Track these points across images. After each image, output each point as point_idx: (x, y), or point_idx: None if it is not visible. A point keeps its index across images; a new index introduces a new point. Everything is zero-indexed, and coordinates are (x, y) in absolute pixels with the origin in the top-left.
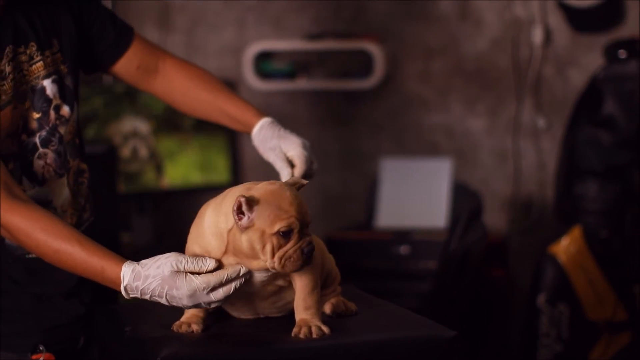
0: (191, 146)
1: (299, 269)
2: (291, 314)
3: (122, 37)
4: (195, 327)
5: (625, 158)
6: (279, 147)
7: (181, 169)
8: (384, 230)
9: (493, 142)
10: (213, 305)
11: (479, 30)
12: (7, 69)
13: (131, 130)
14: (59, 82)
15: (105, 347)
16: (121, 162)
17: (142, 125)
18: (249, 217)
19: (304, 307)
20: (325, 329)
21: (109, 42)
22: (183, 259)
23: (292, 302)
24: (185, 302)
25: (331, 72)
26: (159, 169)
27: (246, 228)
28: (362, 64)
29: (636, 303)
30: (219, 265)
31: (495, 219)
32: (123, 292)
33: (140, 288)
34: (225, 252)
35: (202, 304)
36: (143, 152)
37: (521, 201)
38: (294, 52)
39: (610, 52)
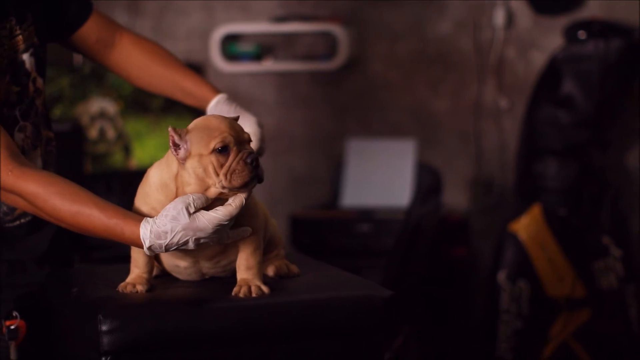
0: (160, 127)
1: (248, 182)
2: (234, 275)
3: (82, 8)
4: (139, 288)
5: (583, 137)
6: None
7: (149, 150)
8: (348, 210)
9: (456, 123)
10: (236, 233)
11: (442, 13)
12: None
13: (98, 111)
14: (35, 55)
15: (53, 308)
16: (88, 143)
17: (109, 106)
18: (184, 148)
19: (245, 267)
20: (265, 288)
21: (70, 13)
22: (191, 201)
23: (235, 261)
24: (212, 237)
25: (297, 54)
26: (127, 150)
27: (185, 159)
28: (327, 46)
29: (595, 280)
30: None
31: (457, 198)
32: (147, 252)
33: (165, 244)
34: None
35: (224, 233)
36: (111, 133)
37: (483, 181)
38: (260, 35)
39: (569, 33)
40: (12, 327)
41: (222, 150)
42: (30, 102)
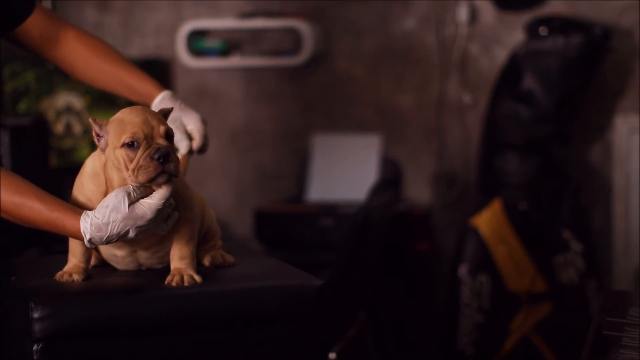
0: None
1: (154, 178)
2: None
3: (25, 3)
4: (76, 277)
5: (544, 132)
6: (180, 120)
7: None
8: (313, 204)
9: (420, 119)
10: (169, 220)
11: (407, 9)
12: None
13: (65, 105)
14: None
15: None
16: (54, 138)
17: (76, 101)
18: (105, 139)
19: (179, 257)
20: (197, 277)
21: (13, 7)
22: (130, 191)
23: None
24: (152, 225)
25: (263, 50)
26: (93, 145)
27: (104, 150)
28: (293, 42)
29: (555, 274)
30: None
31: (421, 193)
32: (88, 244)
33: (105, 237)
34: (107, 190)
35: (162, 221)
36: (77, 128)
37: (446, 175)
38: (226, 31)
39: (531, 29)
40: None
41: (131, 145)
42: None
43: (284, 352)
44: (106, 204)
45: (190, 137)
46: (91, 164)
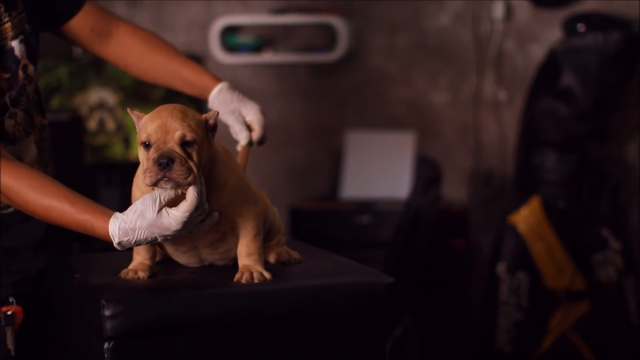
0: None
1: (155, 182)
2: (235, 262)
3: None
4: (141, 274)
5: (582, 129)
6: (239, 111)
7: None
8: (348, 201)
9: (455, 116)
10: (207, 222)
11: (441, 6)
12: None
13: (98, 101)
14: (25, 42)
15: (55, 295)
16: (87, 135)
17: (109, 97)
18: (139, 130)
19: (246, 253)
20: (266, 274)
21: (63, 2)
22: (157, 196)
23: (234, 249)
24: (182, 233)
25: (296, 46)
26: (126, 142)
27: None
28: (326, 39)
29: (594, 272)
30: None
31: (456, 191)
32: (117, 247)
33: (133, 241)
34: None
35: (195, 227)
36: (110, 124)
37: (482, 173)
38: (259, 27)
39: (568, 26)
40: (9, 313)
41: (146, 146)
42: (20, 88)
43: (353, 350)
44: (134, 208)
45: (249, 128)
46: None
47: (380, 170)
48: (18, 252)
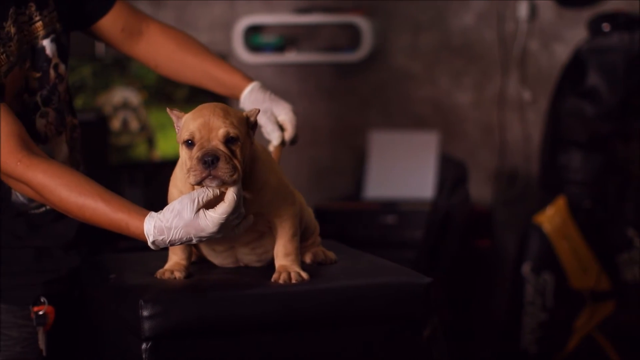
0: None
1: (200, 181)
2: (270, 263)
3: None
4: (177, 274)
5: (608, 129)
6: (271, 110)
7: (173, 142)
8: (372, 201)
9: (479, 115)
10: (242, 225)
11: (465, 5)
12: (12, 30)
13: (121, 101)
14: (56, 41)
15: (89, 295)
16: (111, 134)
17: (133, 97)
18: (179, 130)
19: (283, 254)
20: (304, 274)
21: (93, 1)
22: (196, 197)
23: (271, 250)
24: (217, 236)
25: (320, 46)
26: (150, 142)
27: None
28: (350, 38)
29: (619, 272)
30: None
31: (480, 190)
32: (152, 247)
33: (168, 241)
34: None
35: (230, 230)
36: (134, 124)
37: (507, 173)
38: (283, 26)
39: (594, 26)
40: (41, 312)
41: (190, 144)
42: (52, 88)
43: (391, 350)
44: (172, 207)
45: (281, 128)
46: (181, 156)
47: (404, 170)
48: (49, 252)
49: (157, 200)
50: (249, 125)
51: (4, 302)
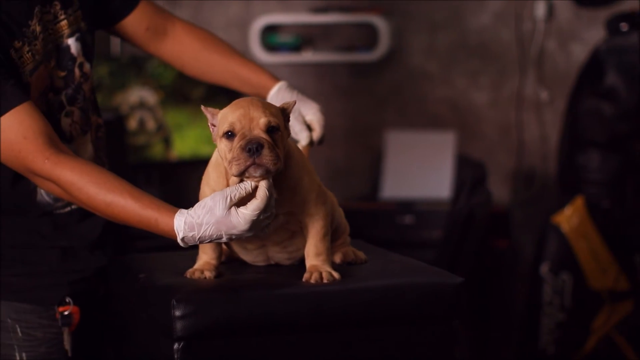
0: (200, 118)
1: (244, 170)
2: (300, 262)
3: None
4: (207, 274)
5: (626, 129)
6: (299, 110)
7: (190, 142)
8: (388, 201)
9: (496, 115)
10: (272, 225)
11: (482, 5)
12: (37, 28)
13: (138, 100)
14: (81, 40)
15: (118, 295)
16: (128, 134)
17: (149, 96)
18: (214, 127)
19: (315, 254)
20: (335, 274)
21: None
22: (229, 194)
23: (302, 248)
24: (247, 234)
25: (336, 46)
26: (166, 142)
27: (216, 140)
28: (367, 38)
29: (638, 272)
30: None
31: (498, 190)
32: (181, 243)
33: (197, 237)
34: (227, 180)
35: (260, 230)
36: (150, 124)
37: (524, 173)
38: (299, 26)
39: (612, 25)
40: (66, 313)
41: (229, 136)
42: (77, 87)
43: (423, 350)
44: (203, 204)
45: (309, 128)
46: (215, 153)
47: (420, 170)
48: (74, 251)
49: (173, 201)
50: (285, 117)
51: (28, 302)
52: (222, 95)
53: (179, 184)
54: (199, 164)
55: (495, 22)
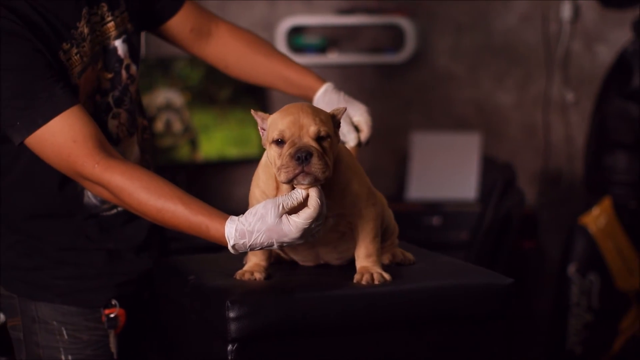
0: (227, 120)
1: (292, 178)
2: (349, 262)
3: None
4: (257, 275)
5: None
6: (346, 112)
7: (216, 143)
8: (415, 202)
9: (521, 117)
10: (321, 230)
11: (507, 6)
12: (85, 30)
13: (164, 102)
14: (128, 42)
15: (167, 297)
16: (154, 136)
17: (176, 98)
18: (264, 131)
19: (365, 255)
20: (386, 275)
21: (161, 1)
22: (280, 202)
23: (352, 249)
24: (298, 242)
25: (362, 47)
26: (193, 144)
27: (265, 144)
28: (392, 39)
29: None
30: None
31: (524, 192)
32: (231, 250)
33: (248, 244)
34: (277, 183)
35: (311, 237)
36: (177, 125)
37: (550, 174)
38: (325, 27)
39: (638, 27)
40: (112, 315)
41: (279, 143)
42: (123, 89)
43: (473, 350)
44: (254, 211)
45: (357, 129)
46: (265, 155)
47: (446, 171)
48: (120, 254)
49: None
50: (335, 123)
51: (75, 305)
52: (248, 97)
53: (206, 185)
54: (225, 166)
55: (520, 23)
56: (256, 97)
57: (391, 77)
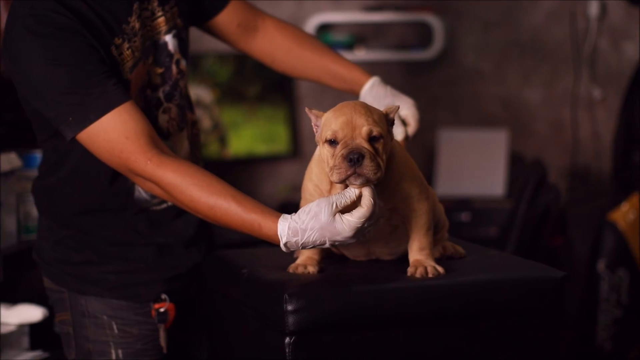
0: (256, 117)
1: (344, 179)
2: (400, 256)
3: None
4: (310, 269)
5: None
6: None
7: (245, 140)
8: (442, 199)
9: (548, 114)
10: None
11: (535, 3)
12: (137, 25)
13: (194, 99)
14: (178, 37)
15: (219, 291)
16: None
17: (205, 94)
18: (317, 127)
19: (418, 248)
20: (440, 268)
21: None
22: (334, 201)
23: (404, 243)
24: (350, 240)
25: (390, 44)
26: (222, 140)
27: (318, 142)
28: (420, 36)
29: None
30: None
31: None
32: (283, 248)
33: (301, 242)
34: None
35: (362, 235)
36: (206, 122)
37: (578, 170)
38: (353, 24)
39: None
40: (162, 310)
41: (332, 143)
42: (174, 83)
43: (526, 343)
44: (308, 209)
45: (404, 123)
46: (319, 150)
47: (473, 168)
48: (170, 248)
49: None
50: (388, 122)
51: (125, 299)
52: (276, 94)
53: (234, 182)
54: (253, 162)
55: (548, 20)
56: (284, 93)
57: (418, 74)
